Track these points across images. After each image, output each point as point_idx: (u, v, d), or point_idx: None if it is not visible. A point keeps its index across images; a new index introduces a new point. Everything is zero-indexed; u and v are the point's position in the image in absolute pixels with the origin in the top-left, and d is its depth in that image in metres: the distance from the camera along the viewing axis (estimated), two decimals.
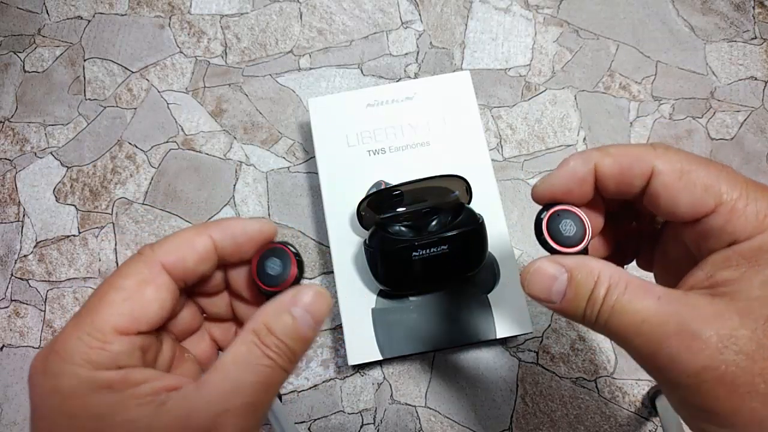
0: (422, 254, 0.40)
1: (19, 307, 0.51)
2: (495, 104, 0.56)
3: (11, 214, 0.54)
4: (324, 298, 0.19)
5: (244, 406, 0.17)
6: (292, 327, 0.18)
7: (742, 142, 0.54)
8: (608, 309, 0.18)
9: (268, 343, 0.18)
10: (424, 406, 0.47)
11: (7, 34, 0.61)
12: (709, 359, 0.16)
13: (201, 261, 0.20)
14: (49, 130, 0.57)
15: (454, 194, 0.44)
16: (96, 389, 0.16)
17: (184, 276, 0.19)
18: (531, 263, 0.20)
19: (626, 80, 0.56)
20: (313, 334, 0.19)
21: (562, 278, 0.19)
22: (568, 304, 0.19)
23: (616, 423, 0.46)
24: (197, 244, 0.19)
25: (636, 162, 0.20)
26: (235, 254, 0.21)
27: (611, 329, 0.18)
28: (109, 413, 0.16)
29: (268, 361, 0.18)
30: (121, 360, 0.17)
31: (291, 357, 0.18)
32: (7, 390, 0.49)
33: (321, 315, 0.19)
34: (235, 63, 0.58)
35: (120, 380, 0.17)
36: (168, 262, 0.19)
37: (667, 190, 0.19)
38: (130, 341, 0.18)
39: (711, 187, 0.18)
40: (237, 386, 0.17)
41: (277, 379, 0.18)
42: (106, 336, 0.17)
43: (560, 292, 0.19)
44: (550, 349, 0.48)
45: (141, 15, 0.61)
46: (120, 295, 0.18)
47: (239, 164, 0.55)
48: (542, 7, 0.59)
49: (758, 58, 0.56)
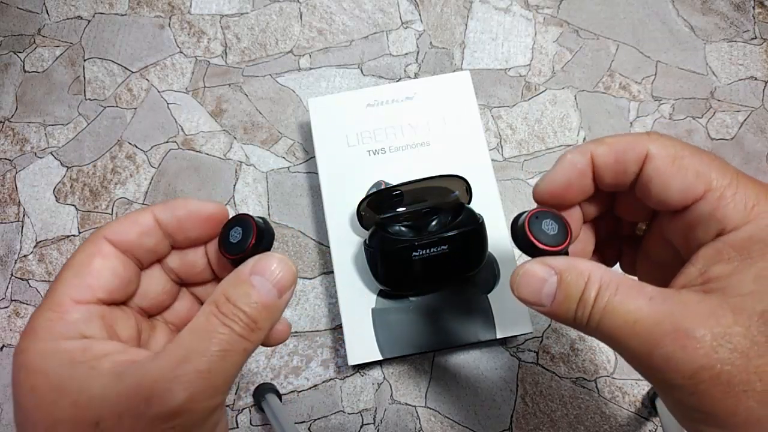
0: (422, 254, 0.40)
1: (19, 307, 0.51)
2: (495, 104, 0.56)
3: (11, 214, 0.54)
4: (285, 265, 0.19)
5: (196, 373, 0.17)
6: (250, 294, 0.18)
7: (742, 142, 0.54)
8: (599, 311, 0.18)
9: (225, 311, 0.18)
10: (424, 406, 0.47)
11: (7, 34, 0.61)
12: (705, 359, 0.16)
13: (143, 234, 0.21)
14: (49, 130, 0.57)
15: (454, 194, 0.44)
16: (59, 363, 0.17)
17: (131, 248, 0.20)
18: (519, 266, 0.20)
19: (626, 80, 0.56)
20: (276, 302, 0.19)
21: (551, 280, 0.19)
22: (558, 307, 0.19)
23: (616, 423, 0.46)
24: (139, 219, 0.21)
25: (630, 147, 0.20)
26: (179, 230, 0.21)
27: (603, 331, 0.18)
28: (68, 385, 0.16)
29: (224, 329, 0.18)
30: (81, 328, 0.18)
31: (250, 325, 0.18)
32: (7, 390, 0.49)
33: (283, 282, 0.19)
34: (235, 63, 0.58)
35: (81, 350, 0.17)
36: (110, 236, 0.20)
37: (659, 175, 0.19)
38: (88, 309, 0.18)
39: (702, 173, 0.18)
40: (189, 354, 0.17)
41: (235, 347, 0.18)
42: (63, 306, 0.18)
43: (550, 294, 0.19)
44: (550, 349, 0.48)
45: (141, 15, 0.61)
46: (72, 270, 0.19)
47: (239, 164, 0.55)
48: (542, 7, 0.59)
49: (758, 58, 0.56)
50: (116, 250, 0.20)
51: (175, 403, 0.16)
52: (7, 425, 0.48)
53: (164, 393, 0.16)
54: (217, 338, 0.18)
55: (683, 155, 0.19)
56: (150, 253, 0.21)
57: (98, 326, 0.19)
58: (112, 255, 0.20)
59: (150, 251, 0.21)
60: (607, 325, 0.18)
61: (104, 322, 0.19)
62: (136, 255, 0.21)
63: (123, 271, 0.20)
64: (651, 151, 0.19)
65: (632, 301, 0.17)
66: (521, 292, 0.20)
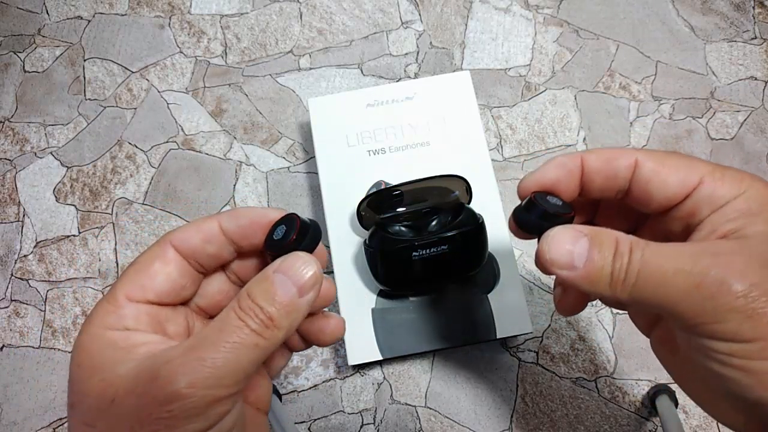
0: (422, 254, 0.40)
1: (19, 307, 0.51)
2: (495, 104, 0.56)
3: (11, 214, 0.54)
4: (310, 266, 0.19)
5: (199, 360, 0.17)
6: (269, 291, 0.19)
7: (742, 142, 0.54)
8: (637, 262, 0.18)
9: (243, 306, 0.18)
10: (424, 406, 0.47)
11: (7, 34, 0.61)
12: (758, 277, 0.16)
13: (206, 240, 0.21)
14: (49, 130, 0.57)
15: (454, 194, 0.44)
16: (103, 345, 0.19)
17: (193, 254, 0.21)
18: (546, 233, 0.20)
19: (626, 80, 0.56)
20: (295, 301, 0.19)
21: (582, 240, 0.19)
22: (592, 266, 0.18)
23: (616, 423, 0.46)
24: (203, 226, 0.21)
25: (620, 154, 0.21)
26: (243, 237, 0.22)
27: (643, 287, 0.18)
28: (103, 364, 0.18)
29: (238, 323, 0.18)
30: (127, 322, 0.19)
31: (266, 321, 0.18)
32: (7, 390, 0.49)
33: (305, 282, 0.19)
34: (235, 63, 0.58)
35: (122, 339, 0.19)
36: (175, 241, 0.21)
37: (655, 174, 0.20)
38: (137, 307, 0.20)
39: (690, 165, 0.20)
40: (200, 342, 0.17)
41: (246, 341, 0.18)
42: (118, 302, 0.19)
43: (582, 254, 0.19)
44: (550, 349, 0.48)
45: (141, 15, 0.61)
46: (134, 268, 0.20)
47: (239, 164, 0.55)
48: (542, 7, 0.59)
49: (758, 58, 0.56)
50: (178, 256, 0.21)
51: (173, 387, 0.16)
52: (8, 425, 0.48)
53: (168, 376, 0.17)
54: (228, 330, 0.18)
55: (667, 157, 0.21)
56: (213, 259, 0.22)
57: (145, 322, 0.20)
58: (173, 260, 0.21)
59: (213, 257, 0.22)
60: (647, 276, 0.17)
61: (152, 318, 0.20)
62: (198, 260, 0.21)
63: (178, 277, 0.21)
64: (639, 158, 0.21)
65: (668, 249, 0.18)
66: (553, 256, 0.19)
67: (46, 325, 0.51)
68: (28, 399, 0.49)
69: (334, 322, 0.23)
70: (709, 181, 0.20)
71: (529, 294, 0.49)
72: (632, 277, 0.18)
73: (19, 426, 0.48)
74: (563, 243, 0.19)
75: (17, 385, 0.49)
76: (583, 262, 0.19)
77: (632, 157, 0.21)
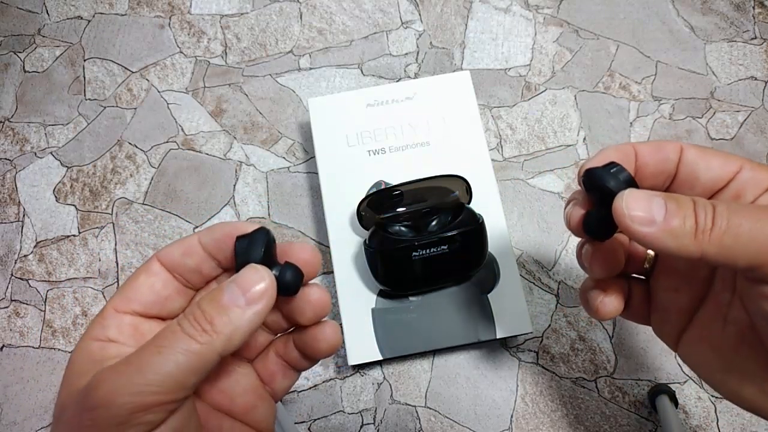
0: (422, 254, 0.40)
1: (19, 307, 0.51)
2: (495, 104, 0.56)
3: (11, 214, 0.54)
4: (262, 278, 0.19)
5: (123, 365, 0.17)
6: (214, 296, 0.19)
7: (742, 142, 0.54)
8: (724, 211, 0.18)
9: (186, 311, 0.19)
10: (424, 406, 0.47)
11: (7, 34, 0.61)
12: None
13: (185, 253, 0.22)
14: (49, 130, 0.57)
15: (454, 194, 0.44)
16: (83, 357, 0.19)
17: (176, 267, 0.22)
18: (620, 193, 0.20)
19: (626, 80, 0.56)
20: (238, 309, 0.18)
21: (657, 199, 0.19)
22: (674, 219, 0.18)
23: (616, 423, 0.46)
24: (185, 240, 0.22)
25: (665, 143, 0.23)
26: (218, 250, 0.22)
27: (738, 231, 0.17)
28: (78, 375, 0.18)
29: (174, 327, 0.18)
30: (110, 333, 0.20)
31: (203, 324, 0.18)
32: (7, 390, 0.49)
33: (253, 292, 0.19)
34: (235, 63, 0.58)
35: (98, 350, 0.19)
36: (161, 256, 0.22)
37: (700, 157, 0.22)
38: (121, 318, 0.20)
39: (728, 156, 0.22)
40: (137, 350, 0.18)
41: (176, 344, 0.17)
42: (105, 313, 0.20)
43: (662, 208, 0.18)
44: (550, 349, 0.48)
45: (141, 15, 0.61)
46: (125, 282, 0.21)
47: (239, 164, 0.55)
48: (542, 7, 0.59)
49: (758, 58, 0.56)
50: (163, 269, 0.21)
51: (96, 394, 0.16)
52: (8, 425, 0.48)
53: (95, 383, 0.17)
54: (162, 335, 0.18)
55: (704, 148, 0.23)
56: (195, 273, 0.22)
57: (127, 333, 0.20)
58: (157, 273, 0.21)
59: (194, 271, 0.22)
60: (739, 226, 0.17)
61: (134, 330, 0.20)
62: (181, 274, 0.22)
63: (161, 289, 0.21)
64: (682, 145, 0.23)
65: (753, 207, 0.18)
66: (631, 210, 0.19)
67: (46, 325, 0.51)
68: (28, 399, 0.49)
69: (328, 329, 0.23)
70: (748, 167, 0.21)
71: (529, 294, 0.49)
72: (722, 225, 0.17)
73: (19, 426, 0.48)
74: (641, 199, 0.19)
75: (17, 385, 0.49)
76: (663, 215, 0.18)
77: (677, 144, 0.23)
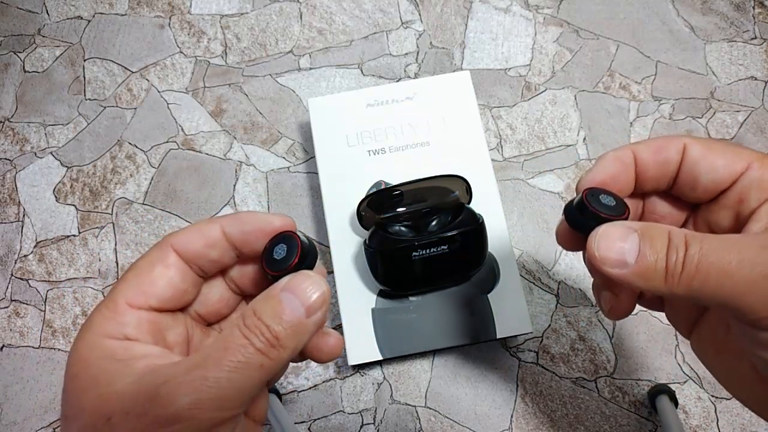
0: (422, 254, 0.40)
1: (19, 307, 0.51)
2: (495, 104, 0.56)
3: (11, 214, 0.54)
4: (318, 286, 0.19)
5: (203, 380, 0.16)
6: (276, 310, 0.18)
7: (741, 142, 0.54)
8: (695, 254, 0.17)
9: (249, 324, 0.18)
10: (424, 406, 0.47)
11: (7, 34, 0.61)
12: None
13: (208, 245, 0.21)
14: (49, 130, 0.57)
15: (454, 194, 0.44)
16: (100, 356, 0.18)
17: (195, 258, 0.21)
18: (594, 231, 0.19)
19: (626, 80, 0.56)
20: (302, 321, 0.18)
21: (632, 236, 0.18)
22: (645, 262, 0.18)
23: (616, 423, 0.46)
24: (206, 230, 0.21)
25: (668, 142, 0.22)
26: (245, 243, 0.21)
27: (707, 274, 0.17)
28: (101, 377, 0.17)
29: (243, 341, 0.17)
30: (128, 331, 0.19)
31: (272, 341, 0.18)
32: (7, 390, 0.49)
33: (312, 302, 0.19)
34: (235, 63, 0.58)
35: (122, 349, 0.18)
36: (177, 245, 0.20)
37: (703, 156, 0.21)
38: (138, 314, 0.19)
39: (737, 152, 0.20)
40: (204, 361, 0.17)
41: (251, 361, 0.17)
42: (118, 308, 0.19)
43: (634, 249, 0.18)
44: (550, 349, 0.48)
45: (141, 15, 0.61)
46: (134, 272, 0.20)
47: (239, 164, 0.55)
48: (542, 7, 0.59)
49: (758, 58, 0.56)
50: (179, 260, 0.20)
51: (175, 408, 0.16)
52: (8, 425, 0.48)
53: (168, 395, 0.16)
54: (234, 349, 0.17)
55: (712, 142, 0.21)
56: (214, 264, 0.21)
57: (146, 330, 0.19)
58: (174, 265, 0.20)
59: (214, 262, 0.21)
60: (708, 268, 0.17)
61: (153, 326, 0.19)
62: (199, 265, 0.21)
63: (180, 283, 0.20)
64: (687, 142, 0.21)
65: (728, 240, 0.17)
66: (602, 253, 0.18)
67: (46, 325, 0.51)
68: (28, 399, 0.49)
69: (333, 341, 0.22)
70: (756, 166, 0.20)
71: (529, 294, 0.49)
72: (691, 269, 0.17)
73: (19, 426, 0.48)
74: (613, 240, 0.18)
75: (17, 385, 0.49)
76: (635, 258, 0.18)
77: (680, 142, 0.21)
